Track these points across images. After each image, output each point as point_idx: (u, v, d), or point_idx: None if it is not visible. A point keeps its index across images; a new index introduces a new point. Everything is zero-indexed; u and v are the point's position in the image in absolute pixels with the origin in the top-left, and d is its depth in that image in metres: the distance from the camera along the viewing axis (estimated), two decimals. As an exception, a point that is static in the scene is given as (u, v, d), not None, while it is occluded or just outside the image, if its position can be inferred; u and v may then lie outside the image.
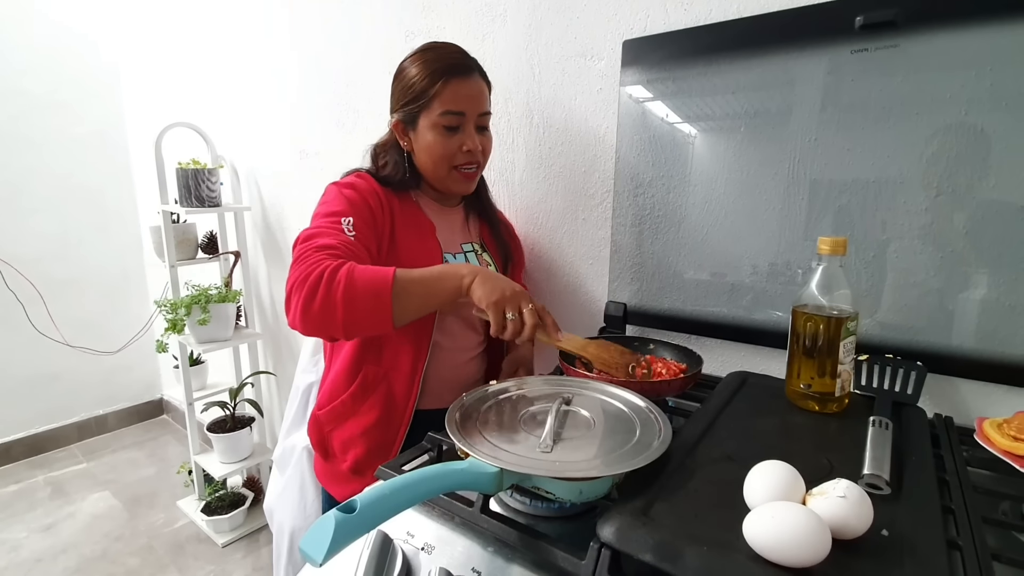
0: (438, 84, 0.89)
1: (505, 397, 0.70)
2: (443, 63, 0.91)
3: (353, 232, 0.85)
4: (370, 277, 0.76)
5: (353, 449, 0.98)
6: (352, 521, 0.39)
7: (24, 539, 2.05)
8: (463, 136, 0.93)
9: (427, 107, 0.91)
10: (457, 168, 0.95)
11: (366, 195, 0.92)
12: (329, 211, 0.88)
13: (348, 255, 0.81)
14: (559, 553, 0.49)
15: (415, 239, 0.96)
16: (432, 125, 0.92)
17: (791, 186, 0.90)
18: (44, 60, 2.56)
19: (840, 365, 0.69)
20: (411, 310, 0.79)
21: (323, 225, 0.85)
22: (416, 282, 0.78)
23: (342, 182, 0.94)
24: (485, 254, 1.07)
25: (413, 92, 0.91)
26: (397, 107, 0.95)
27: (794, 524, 0.41)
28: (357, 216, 0.88)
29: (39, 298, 2.59)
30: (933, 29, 0.76)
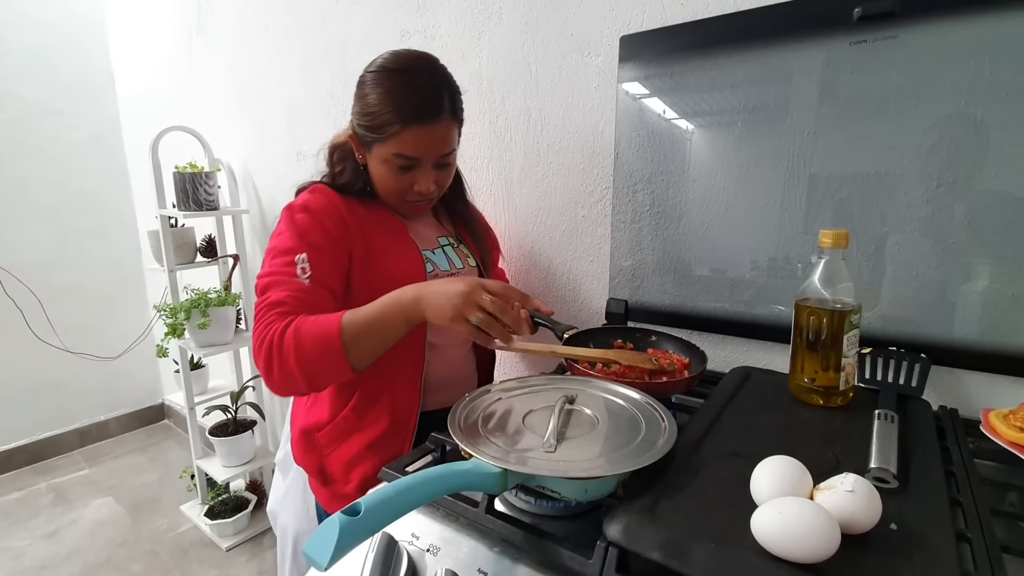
0: (397, 126, 0.82)
1: (508, 396, 0.70)
2: (409, 103, 0.82)
3: (308, 273, 0.80)
4: (317, 334, 0.72)
5: (359, 467, 0.92)
6: (357, 524, 0.39)
7: (27, 546, 2.04)
8: (416, 175, 0.87)
9: (381, 141, 0.85)
10: (408, 201, 0.91)
11: (323, 217, 0.85)
12: (282, 248, 0.83)
13: (299, 306, 0.77)
14: (566, 552, 0.49)
15: (390, 242, 0.92)
16: (384, 159, 0.86)
17: (790, 180, 0.90)
18: (39, 66, 2.55)
19: (844, 358, 0.69)
20: (369, 353, 0.75)
21: (276, 270, 0.81)
22: (364, 325, 0.73)
23: (296, 205, 0.88)
24: (462, 246, 1.04)
25: (370, 121, 0.84)
26: (354, 121, 0.88)
27: (803, 520, 0.40)
28: (311, 249, 0.82)
29: (38, 305, 2.58)
30: (932, 19, 0.75)
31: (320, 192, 0.89)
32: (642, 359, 0.84)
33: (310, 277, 0.80)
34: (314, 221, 0.85)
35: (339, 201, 0.89)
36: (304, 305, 0.78)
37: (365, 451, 0.91)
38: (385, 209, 0.95)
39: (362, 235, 0.89)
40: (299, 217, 0.85)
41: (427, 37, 1.37)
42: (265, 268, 0.83)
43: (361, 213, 0.91)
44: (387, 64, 0.85)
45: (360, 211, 0.91)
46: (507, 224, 1.31)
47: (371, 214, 0.92)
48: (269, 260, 0.83)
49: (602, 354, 0.83)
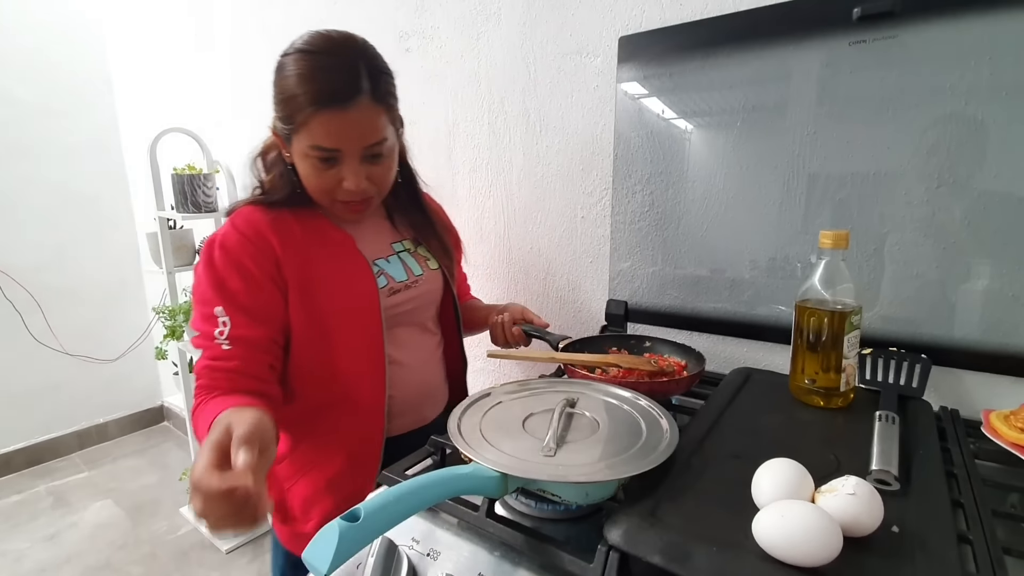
0: (305, 113, 0.72)
1: (508, 400, 0.69)
2: (317, 85, 0.71)
3: (226, 333, 0.73)
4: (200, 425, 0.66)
5: (318, 505, 0.84)
6: (356, 530, 0.38)
7: (27, 549, 2.04)
8: (342, 170, 0.76)
9: (296, 132, 0.74)
10: (340, 202, 0.79)
11: (241, 254, 0.76)
12: (201, 297, 0.76)
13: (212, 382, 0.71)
14: (566, 556, 0.49)
15: (334, 260, 0.82)
16: (303, 154, 0.75)
17: (790, 180, 0.90)
18: (37, 68, 2.55)
19: (844, 359, 0.69)
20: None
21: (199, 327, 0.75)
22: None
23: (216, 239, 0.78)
24: (421, 249, 0.95)
25: (283, 110, 0.75)
26: (274, 114, 0.79)
27: (805, 523, 0.40)
28: (227, 300, 0.74)
29: (37, 307, 2.58)
30: (932, 19, 0.75)
31: (242, 220, 0.78)
32: (641, 362, 0.84)
33: (229, 338, 0.73)
34: (231, 262, 0.75)
35: (266, 227, 0.78)
36: (218, 379, 0.71)
37: (324, 489, 0.83)
38: (327, 220, 0.84)
39: (299, 261, 0.78)
40: (217, 257, 0.76)
41: (425, 38, 1.37)
42: (195, 321, 0.76)
43: (296, 234, 0.80)
44: (302, 45, 0.76)
45: (295, 231, 0.80)
46: (506, 225, 1.31)
47: (309, 231, 0.81)
48: (195, 309, 0.77)
49: (601, 359, 0.83)
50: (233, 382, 0.72)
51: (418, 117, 1.42)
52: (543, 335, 0.94)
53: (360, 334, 0.83)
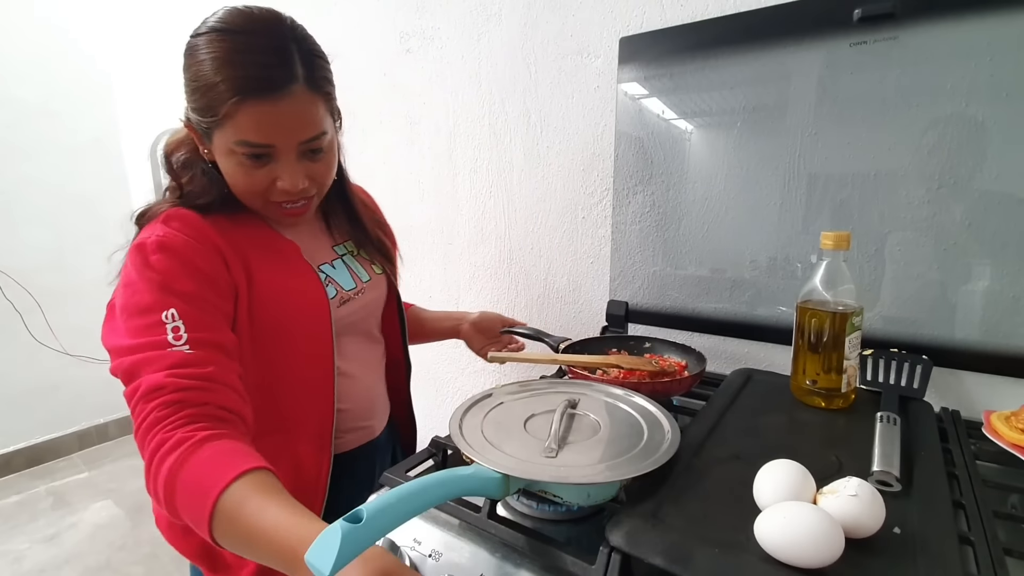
0: (228, 104, 0.61)
1: (509, 401, 0.69)
2: (242, 70, 0.61)
3: (184, 336, 0.60)
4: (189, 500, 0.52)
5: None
6: (359, 531, 0.38)
7: (27, 550, 2.04)
8: (276, 168, 0.67)
9: (219, 126, 0.64)
10: (275, 203, 0.70)
11: (186, 254, 0.64)
12: (139, 305, 0.61)
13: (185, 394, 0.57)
14: (568, 558, 0.49)
15: (279, 270, 0.73)
16: (228, 151, 0.65)
17: (790, 181, 0.90)
18: (37, 69, 2.55)
19: (846, 360, 0.69)
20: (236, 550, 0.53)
21: (140, 340, 0.59)
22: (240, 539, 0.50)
23: (147, 244, 0.64)
24: (362, 252, 0.88)
25: (200, 100, 0.64)
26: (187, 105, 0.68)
27: (806, 524, 0.40)
28: (179, 300, 0.61)
29: (37, 308, 2.58)
30: (932, 20, 0.75)
31: (178, 219, 0.67)
32: (641, 362, 0.84)
33: (188, 341, 0.60)
34: (177, 261, 0.64)
35: (207, 229, 0.67)
36: (192, 387, 0.57)
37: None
38: (267, 226, 0.75)
39: (243, 265, 0.68)
40: (155, 260, 0.63)
41: (426, 38, 1.37)
42: (121, 338, 0.61)
43: (238, 237, 0.70)
44: (217, 23, 0.64)
45: (237, 235, 0.70)
46: (507, 226, 1.31)
47: (250, 238, 0.72)
48: (123, 323, 0.61)
49: (602, 360, 0.83)
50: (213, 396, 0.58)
51: (419, 117, 1.42)
52: (542, 336, 0.94)
53: (308, 348, 0.74)
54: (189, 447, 0.53)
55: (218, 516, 0.50)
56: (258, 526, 0.49)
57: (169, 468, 0.52)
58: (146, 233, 0.66)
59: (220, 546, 0.52)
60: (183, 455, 0.53)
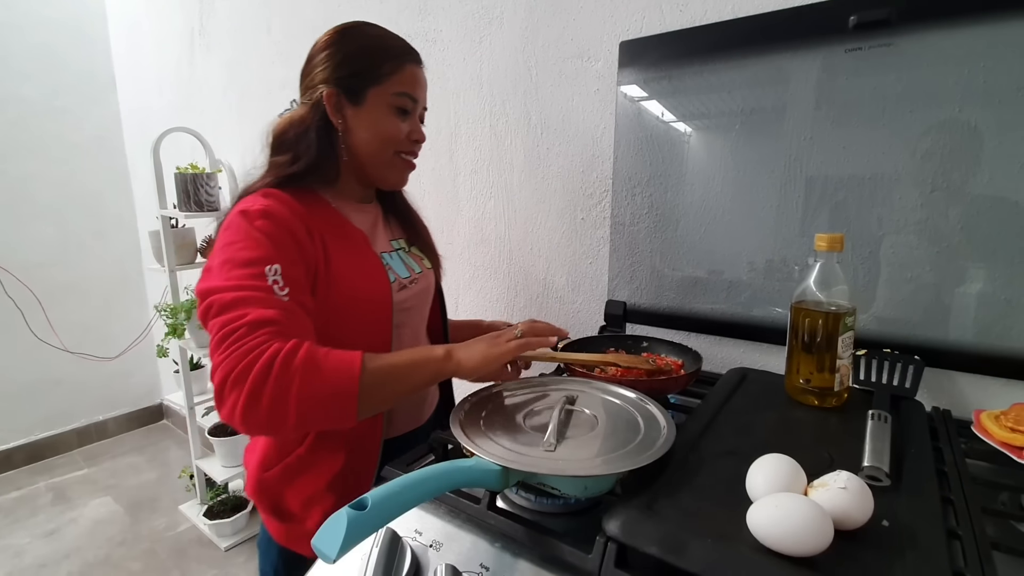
0: (392, 62, 0.81)
1: (509, 397, 0.71)
2: (399, 44, 0.83)
3: (285, 288, 0.67)
4: (334, 368, 0.61)
5: (319, 505, 0.81)
6: (364, 518, 0.40)
7: (27, 545, 2.05)
8: (412, 123, 0.85)
9: (379, 82, 0.80)
10: (400, 154, 0.85)
11: (287, 224, 0.72)
12: (245, 257, 0.67)
13: (294, 328, 0.64)
14: (566, 548, 0.50)
15: (350, 254, 0.81)
16: (384, 104, 0.81)
17: (787, 184, 0.91)
18: (42, 66, 2.56)
19: (839, 360, 0.70)
20: (379, 404, 0.67)
21: (244, 283, 0.65)
22: (387, 371, 0.65)
23: (252, 210, 0.72)
24: (413, 248, 0.96)
25: (363, 63, 0.80)
26: (333, 77, 0.80)
27: (797, 514, 0.42)
28: (283, 259, 0.69)
29: (38, 304, 2.59)
30: (927, 27, 0.77)
31: (275, 197, 0.75)
32: (638, 361, 0.85)
33: (288, 294, 0.67)
34: (280, 228, 0.71)
35: (297, 206, 0.76)
36: (295, 327, 0.65)
37: (324, 490, 0.81)
38: (340, 214, 0.84)
39: (322, 244, 0.77)
40: (260, 224, 0.71)
41: (428, 41, 1.38)
42: (219, 281, 0.66)
43: (320, 222, 0.79)
44: (350, 24, 0.85)
45: (319, 219, 0.79)
46: (507, 226, 1.33)
47: (330, 222, 0.81)
48: (225, 271, 0.67)
49: (600, 358, 0.85)
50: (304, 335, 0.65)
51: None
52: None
53: (369, 330, 0.81)
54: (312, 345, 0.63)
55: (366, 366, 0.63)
56: (400, 358, 0.67)
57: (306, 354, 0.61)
58: (248, 203, 0.73)
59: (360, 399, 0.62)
60: (312, 346, 0.63)
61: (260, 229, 0.70)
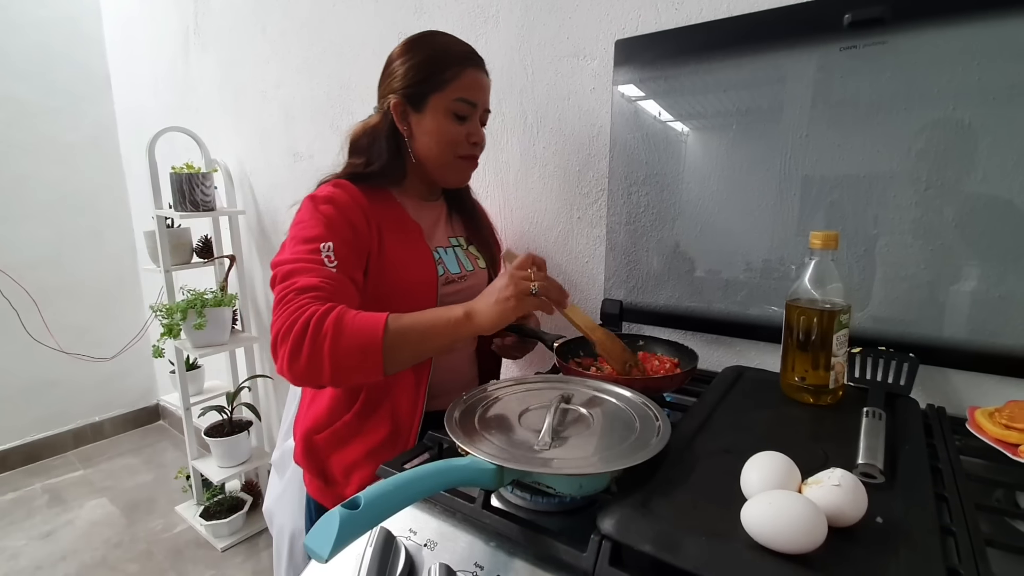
0: (454, 68, 0.87)
1: (504, 396, 0.71)
2: (461, 50, 0.89)
3: (335, 262, 0.79)
4: (359, 329, 0.71)
5: (358, 472, 0.91)
6: (356, 517, 0.40)
7: (23, 547, 2.04)
8: (471, 126, 0.91)
9: (440, 89, 0.87)
10: (460, 157, 0.93)
11: (347, 210, 0.85)
12: (306, 235, 0.81)
13: (333, 294, 0.76)
14: (560, 546, 0.50)
15: (404, 245, 0.91)
16: (444, 109, 0.88)
17: (783, 182, 0.91)
18: (36, 66, 2.55)
19: (834, 358, 0.70)
20: (405, 360, 0.75)
21: (301, 256, 0.79)
22: (409, 331, 0.73)
23: (319, 196, 0.86)
24: (471, 247, 1.04)
25: (425, 72, 0.87)
26: (399, 87, 0.89)
27: (791, 511, 0.42)
28: (337, 239, 0.81)
29: (33, 305, 2.58)
30: (921, 25, 0.77)
31: (343, 187, 0.88)
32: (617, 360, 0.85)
33: (336, 266, 0.79)
34: (339, 213, 0.84)
35: (361, 196, 0.88)
36: (337, 293, 0.76)
37: (365, 457, 0.90)
38: (401, 208, 0.95)
39: (378, 233, 0.88)
40: (324, 208, 0.84)
41: (424, 39, 1.38)
42: (285, 255, 0.81)
43: (380, 211, 0.90)
44: (420, 35, 0.91)
45: (379, 210, 0.90)
46: (503, 226, 1.33)
47: (389, 214, 0.91)
48: (290, 247, 0.82)
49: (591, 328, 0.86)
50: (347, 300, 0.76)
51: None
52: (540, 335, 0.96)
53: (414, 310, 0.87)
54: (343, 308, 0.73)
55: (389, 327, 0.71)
56: (421, 318, 0.74)
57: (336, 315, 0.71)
58: (319, 191, 0.88)
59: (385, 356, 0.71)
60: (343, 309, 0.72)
61: (323, 212, 0.83)
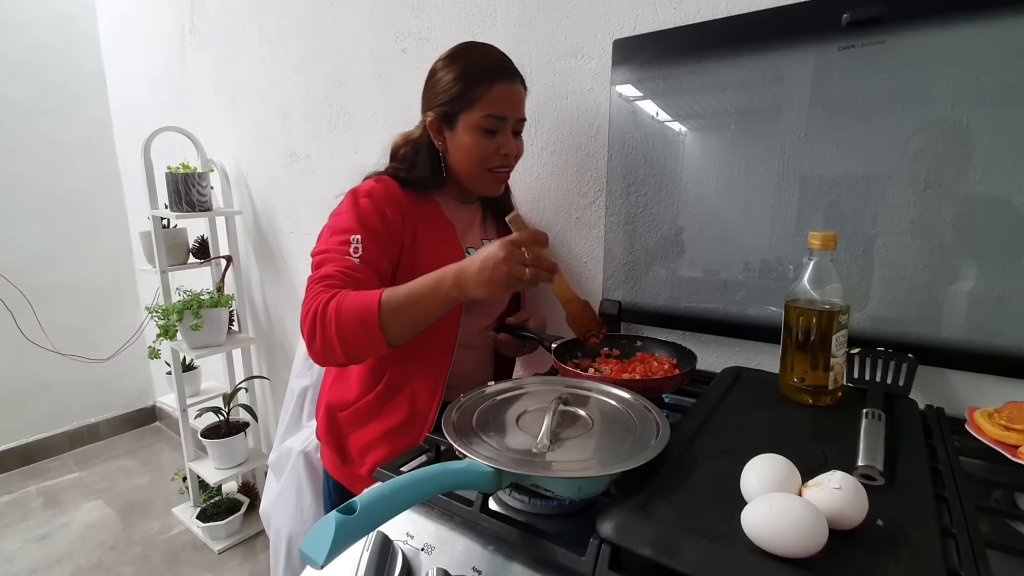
0: (483, 86, 0.89)
1: (503, 397, 0.70)
2: (490, 64, 0.91)
3: (359, 253, 0.85)
4: (356, 308, 0.76)
5: (373, 452, 0.97)
6: (352, 522, 0.39)
7: (18, 550, 2.03)
8: (501, 139, 0.93)
9: (468, 108, 0.90)
10: (491, 170, 0.95)
11: (382, 203, 0.90)
12: (340, 227, 0.88)
13: (345, 282, 0.81)
14: (559, 550, 0.49)
15: (437, 242, 0.96)
16: (473, 127, 0.91)
17: (781, 183, 0.91)
18: (30, 66, 2.54)
19: (833, 358, 0.70)
20: (405, 330, 0.79)
21: (331, 247, 0.86)
22: (403, 302, 0.77)
23: (360, 190, 0.93)
24: None
25: (455, 91, 0.90)
26: (434, 105, 0.94)
27: (791, 515, 0.41)
28: (366, 231, 0.87)
29: (28, 306, 2.56)
30: (919, 25, 0.77)
31: (384, 182, 0.94)
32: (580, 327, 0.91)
33: (360, 257, 0.85)
34: (375, 207, 0.90)
35: (400, 193, 0.93)
36: (350, 281, 0.82)
37: (381, 439, 0.96)
38: (438, 207, 1.00)
39: (413, 229, 0.93)
40: (362, 202, 0.90)
41: (421, 39, 1.38)
42: (321, 245, 0.88)
43: (417, 209, 0.95)
44: (456, 49, 0.94)
45: (416, 207, 0.95)
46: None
47: (425, 212, 0.97)
48: (326, 237, 0.89)
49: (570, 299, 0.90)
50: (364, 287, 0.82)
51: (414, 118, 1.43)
52: (538, 337, 0.95)
53: None
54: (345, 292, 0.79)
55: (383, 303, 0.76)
56: (414, 285, 0.77)
57: (337, 300, 0.77)
58: (362, 185, 0.95)
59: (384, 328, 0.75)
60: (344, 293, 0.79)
61: (359, 206, 0.89)
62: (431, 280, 0.78)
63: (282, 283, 2.03)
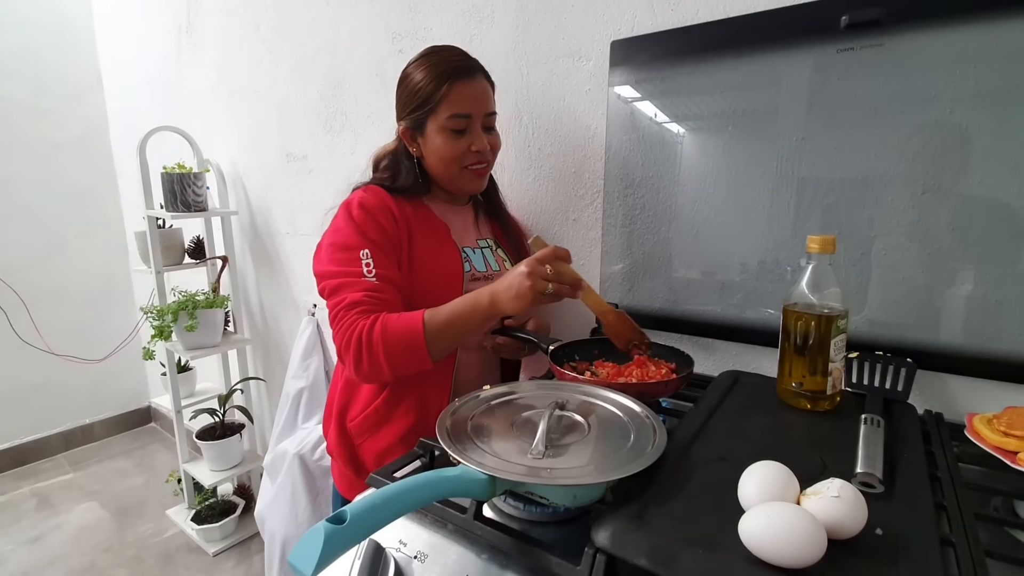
0: (443, 88, 0.90)
1: (498, 402, 0.69)
2: (446, 66, 0.92)
3: (373, 272, 0.87)
4: (402, 332, 0.81)
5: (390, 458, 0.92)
6: (342, 532, 0.38)
7: (10, 552, 2.01)
8: (471, 137, 0.94)
9: (434, 111, 0.92)
10: (467, 168, 0.96)
11: (377, 213, 0.91)
12: (344, 244, 0.89)
13: (376, 304, 0.84)
14: (554, 559, 0.49)
15: (432, 243, 0.97)
16: (440, 129, 0.93)
17: (779, 185, 0.90)
18: (26, 64, 2.52)
19: (831, 363, 0.69)
20: (447, 347, 0.84)
21: (343, 269, 0.87)
22: (445, 325, 0.81)
23: (352, 202, 0.93)
24: (500, 250, 1.08)
25: (419, 98, 0.92)
26: (404, 114, 0.96)
27: (790, 525, 0.41)
28: (371, 244, 0.89)
29: (22, 306, 2.54)
30: (918, 28, 0.76)
31: (373, 192, 0.95)
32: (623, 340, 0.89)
33: (376, 275, 0.87)
34: (370, 218, 0.91)
35: (390, 200, 0.95)
36: (378, 303, 0.85)
37: (396, 444, 0.96)
38: (430, 210, 1.01)
39: (408, 233, 0.95)
40: (356, 213, 0.91)
41: (418, 39, 1.37)
42: (327, 265, 0.89)
43: (409, 213, 0.96)
44: (417, 57, 0.96)
45: (408, 211, 0.96)
46: (498, 227, 1.31)
47: (418, 215, 0.98)
48: (329, 256, 0.89)
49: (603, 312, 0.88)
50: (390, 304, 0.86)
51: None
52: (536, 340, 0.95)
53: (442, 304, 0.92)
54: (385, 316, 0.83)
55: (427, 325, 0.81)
56: (453, 307, 0.82)
57: (381, 325, 0.81)
58: (352, 196, 0.95)
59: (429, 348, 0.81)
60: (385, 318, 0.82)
61: (356, 218, 0.90)
62: (468, 300, 0.82)
63: (278, 284, 2.01)
